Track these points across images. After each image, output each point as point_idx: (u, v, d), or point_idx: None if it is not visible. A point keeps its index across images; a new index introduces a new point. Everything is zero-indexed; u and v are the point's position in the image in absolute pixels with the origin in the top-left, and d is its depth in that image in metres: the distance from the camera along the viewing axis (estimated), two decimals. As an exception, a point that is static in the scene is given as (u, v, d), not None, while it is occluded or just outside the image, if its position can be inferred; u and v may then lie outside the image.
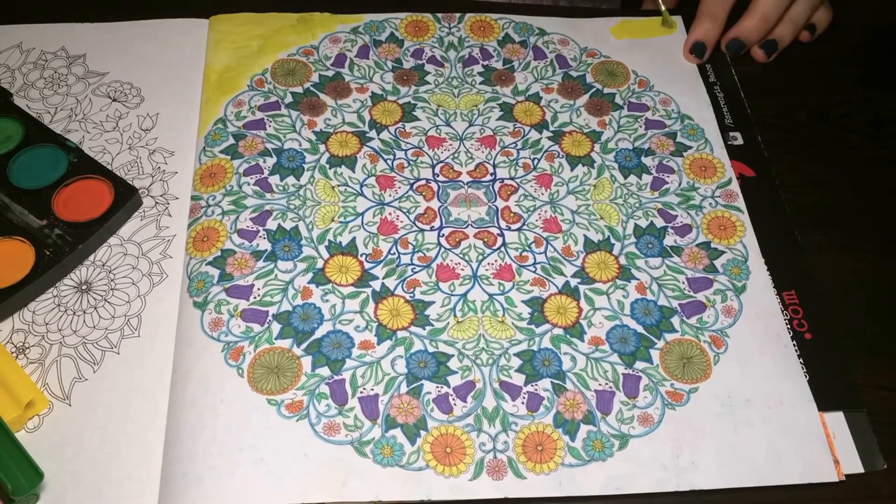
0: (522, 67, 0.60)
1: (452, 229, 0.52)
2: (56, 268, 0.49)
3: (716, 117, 0.58)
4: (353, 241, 0.51)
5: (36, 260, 0.49)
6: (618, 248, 0.52)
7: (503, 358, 0.47)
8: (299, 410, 0.45)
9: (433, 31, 0.62)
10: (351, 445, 0.44)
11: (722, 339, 0.48)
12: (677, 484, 0.43)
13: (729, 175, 0.55)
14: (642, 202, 0.54)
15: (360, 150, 0.55)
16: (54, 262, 0.49)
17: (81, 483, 0.43)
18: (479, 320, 0.48)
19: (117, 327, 0.48)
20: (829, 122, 0.59)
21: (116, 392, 0.46)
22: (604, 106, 0.58)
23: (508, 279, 0.50)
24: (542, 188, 0.54)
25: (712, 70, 0.61)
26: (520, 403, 0.45)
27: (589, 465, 0.44)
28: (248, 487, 0.42)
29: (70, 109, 0.57)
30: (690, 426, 0.45)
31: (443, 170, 0.55)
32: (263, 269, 0.50)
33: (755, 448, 0.45)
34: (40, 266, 0.49)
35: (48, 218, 0.50)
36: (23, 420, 0.44)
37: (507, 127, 0.57)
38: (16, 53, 0.60)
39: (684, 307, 0.49)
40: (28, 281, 0.48)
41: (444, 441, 0.44)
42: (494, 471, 0.43)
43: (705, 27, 0.61)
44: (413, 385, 0.46)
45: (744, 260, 0.51)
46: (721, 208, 0.54)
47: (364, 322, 0.48)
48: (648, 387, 0.46)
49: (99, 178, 0.52)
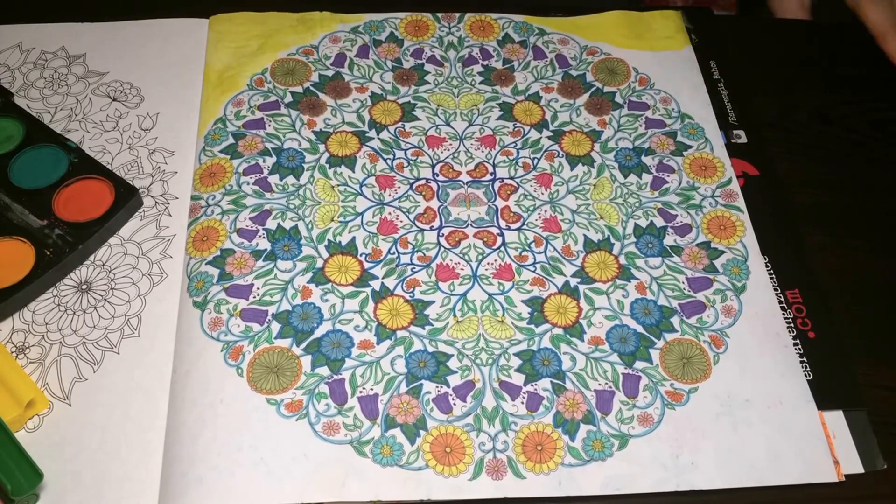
0: (522, 67, 0.60)
1: (452, 229, 0.52)
2: (56, 268, 0.49)
3: (718, 117, 0.58)
4: (353, 240, 0.51)
5: (36, 260, 0.49)
6: (618, 247, 0.52)
7: (503, 358, 0.47)
8: (299, 410, 0.45)
9: (433, 31, 0.62)
10: (350, 445, 0.44)
11: (722, 338, 0.48)
12: (677, 484, 0.43)
13: (729, 175, 0.55)
14: (642, 202, 0.54)
15: (359, 150, 0.55)
16: (54, 262, 0.49)
17: (81, 483, 0.43)
18: (478, 320, 0.48)
19: (117, 327, 0.48)
20: (829, 122, 0.59)
21: (116, 392, 0.46)
22: (604, 105, 0.58)
23: (508, 279, 0.50)
24: (542, 188, 0.54)
25: (716, 67, 0.61)
26: (519, 403, 0.45)
27: (589, 464, 0.44)
28: (248, 487, 0.42)
29: (70, 109, 0.57)
30: (690, 426, 0.45)
31: (442, 169, 0.55)
32: (263, 269, 0.50)
33: (755, 448, 0.45)
34: (40, 266, 0.49)
35: (48, 218, 0.50)
36: (23, 420, 0.44)
37: (506, 126, 0.57)
38: (16, 53, 0.60)
39: (684, 307, 0.49)
40: (28, 281, 0.48)
41: (444, 441, 0.44)
42: (494, 470, 0.43)
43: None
44: (413, 385, 0.46)
45: (744, 260, 0.51)
46: (721, 208, 0.54)
47: (364, 322, 0.48)
48: (648, 387, 0.46)
49: (99, 179, 0.52)
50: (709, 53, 0.62)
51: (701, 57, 0.61)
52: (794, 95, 0.60)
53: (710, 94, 0.59)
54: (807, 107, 0.60)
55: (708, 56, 0.62)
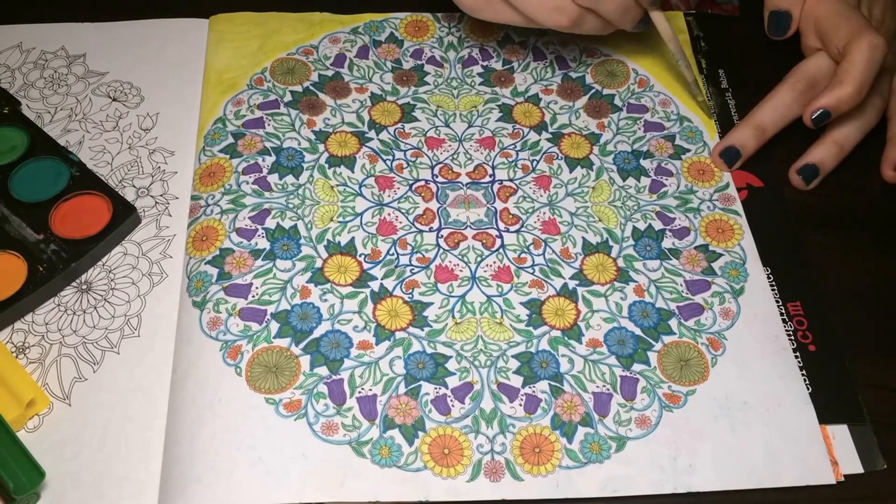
0: (522, 69, 0.60)
1: (451, 230, 0.52)
2: (47, 285, 0.48)
3: (724, 122, 0.58)
4: (352, 241, 0.51)
5: (28, 276, 0.48)
6: (616, 250, 0.52)
7: (501, 359, 0.47)
8: (297, 410, 0.45)
9: (433, 32, 0.62)
10: (349, 445, 0.44)
11: (720, 341, 0.48)
12: (675, 486, 0.43)
13: (727, 179, 0.55)
14: (640, 205, 0.54)
15: (359, 151, 0.55)
16: (46, 278, 0.48)
17: (81, 483, 0.43)
18: (477, 322, 0.48)
19: (117, 327, 0.48)
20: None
21: (116, 392, 0.46)
22: (603, 108, 0.58)
23: (507, 281, 0.50)
24: (541, 190, 0.54)
25: (725, 76, 0.61)
26: (517, 405, 0.45)
27: (586, 467, 0.44)
28: (246, 487, 0.42)
29: (70, 109, 0.57)
30: (688, 428, 0.45)
31: (442, 171, 0.55)
32: (262, 268, 0.50)
33: (753, 450, 0.45)
34: (32, 283, 0.48)
35: (45, 232, 0.50)
36: (24, 419, 0.44)
37: (506, 128, 0.57)
38: (16, 53, 0.60)
39: (682, 309, 0.49)
40: (18, 298, 0.47)
41: (442, 442, 0.44)
42: (492, 472, 0.43)
43: (747, 134, 0.54)
44: (411, 386, 0.46)
45: (742, 262, 0.52)
46: (719, 211, 0.54)
47: (363, 322, 0.48)
48: (646, 389, 0.46)
49: (98, 195, 0.51)
50: (718, 62, 0.62)
51: (710, 65, 0.61)
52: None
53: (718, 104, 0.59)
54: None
55: (717, 65, 0.62)
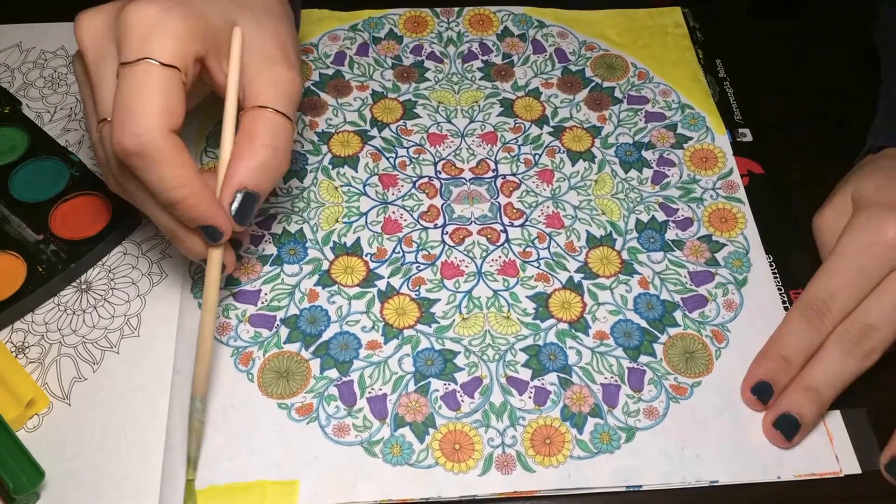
0: (522, 62, 0.60)
1: (456, 226, 0.52)
2: (46, 286, 0.48)
3: (723, 111, 0.58)
4: (358, 241, 0.51)
5: (27, 276, 0.48)
6: (620, 242, 0.52)
7: (509, 353, 0.48)
8: (309, 413, 0.45)
9: (432, 27, 0.62)
10: (360, 446, 0.44)
11: (723, 333, 0.49)
12: (683, 476, 0.44)
13: (730, 165, 0.56)
14: (643, 196, 0.54)
15: (362, 149, 0.55)
16: (46, 279, 0.48)
17: (81, 483, 0.43)
18: (484, 316, 0.49)
19: (117, 327, 0.48)
20: (829, 123, 0.59)
21: (116, 392, 0.46)
22: (603, 100, 0.58)
23: (513, 275, 0.50)
24: (544, 184, 0.54)
25: (722, 65, 0.61)
26: (527, 398, 0.46)
27: (597, 457, 0.44)
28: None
29: (70, 109, 0.57)
30: (694, 420, 0.46)
31: (445, 167, 0.55)
32: (270, 274, 0.50)
33: (757, 442, 0.45)
34: (31, 283, 0.48)
35: (44, 233, 0.50)
36: (23, 419, 0.44)
37: (507, 123, 0.57)
38: (16, 53, 0.60)
39: (686, 301, 0.50)
40: (17, 298, 0.47)
41: (453, 438, 0.45)
42: (503, 465, 0.44)
43: (774, 367, 0.46)
44: (421, 383, 0.46)
45: (745, 252, 0.52)
46: (722, 200, 0.54)
47: (371, 322, 0.48)
48: (653, 380, 0.47)
49: (98, 196, 0.51)
50: (715, 52, 0.62)
51: (707, 55, 0.61)
52: (793, 95, 0.60)
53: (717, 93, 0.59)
54: (806, 107, 0.59)
55: (714, 55, 0.62)
